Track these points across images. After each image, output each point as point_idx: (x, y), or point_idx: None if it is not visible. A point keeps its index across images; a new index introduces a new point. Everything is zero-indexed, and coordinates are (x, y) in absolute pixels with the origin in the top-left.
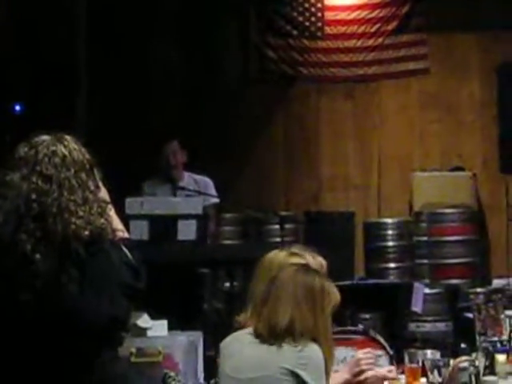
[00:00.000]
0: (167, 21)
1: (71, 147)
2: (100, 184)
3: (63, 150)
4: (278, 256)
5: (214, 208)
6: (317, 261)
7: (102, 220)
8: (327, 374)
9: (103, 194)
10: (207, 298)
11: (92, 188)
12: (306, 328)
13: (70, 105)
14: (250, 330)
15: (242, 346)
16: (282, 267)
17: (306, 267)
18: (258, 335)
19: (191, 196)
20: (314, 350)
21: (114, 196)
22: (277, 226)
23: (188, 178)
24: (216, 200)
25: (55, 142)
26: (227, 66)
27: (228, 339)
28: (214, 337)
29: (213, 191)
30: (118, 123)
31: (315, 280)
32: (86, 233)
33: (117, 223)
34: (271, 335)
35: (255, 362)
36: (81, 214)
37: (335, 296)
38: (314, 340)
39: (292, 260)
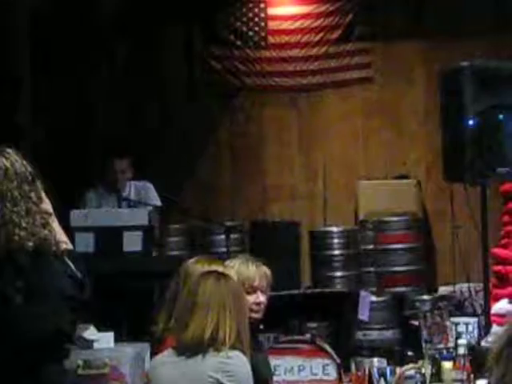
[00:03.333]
0: (111, 33)
1: (13, 159)
2: (43, 195)
3: (5, 162)
4: (193, 267)
5: (157, 211)
6: (261, 271)
7: (46, 231)
8: None
9: (46, 205)
10: (154, 310)
11: (35, 199)
12: (231, 333)
13: (13, 118)
14: (170, 350)
15: (167, 368)
16: (201, 277)
17: (224, 275)
18: (183, 350)
19: (136, 207)
20: (240, 361)
21: (59, 208)
22: (223, 236)
23: (130, 187)
24: (158, 203)
25: None
26: (172, 78)
27: (152, 364)
28: None
29: (154, 194)
30: (62, 137)
31: (236, 285)
32: (30, 244)
33: (60, 234)
34: (197, 346)
35: (184, 381)
36: (24, 225)
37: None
38: (238, 344)
39: (207, 268)
